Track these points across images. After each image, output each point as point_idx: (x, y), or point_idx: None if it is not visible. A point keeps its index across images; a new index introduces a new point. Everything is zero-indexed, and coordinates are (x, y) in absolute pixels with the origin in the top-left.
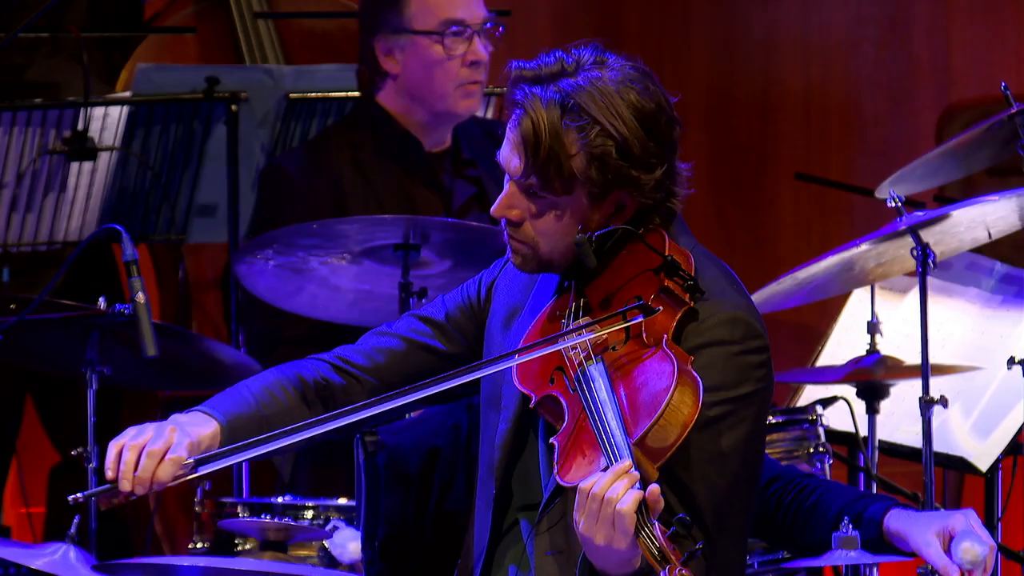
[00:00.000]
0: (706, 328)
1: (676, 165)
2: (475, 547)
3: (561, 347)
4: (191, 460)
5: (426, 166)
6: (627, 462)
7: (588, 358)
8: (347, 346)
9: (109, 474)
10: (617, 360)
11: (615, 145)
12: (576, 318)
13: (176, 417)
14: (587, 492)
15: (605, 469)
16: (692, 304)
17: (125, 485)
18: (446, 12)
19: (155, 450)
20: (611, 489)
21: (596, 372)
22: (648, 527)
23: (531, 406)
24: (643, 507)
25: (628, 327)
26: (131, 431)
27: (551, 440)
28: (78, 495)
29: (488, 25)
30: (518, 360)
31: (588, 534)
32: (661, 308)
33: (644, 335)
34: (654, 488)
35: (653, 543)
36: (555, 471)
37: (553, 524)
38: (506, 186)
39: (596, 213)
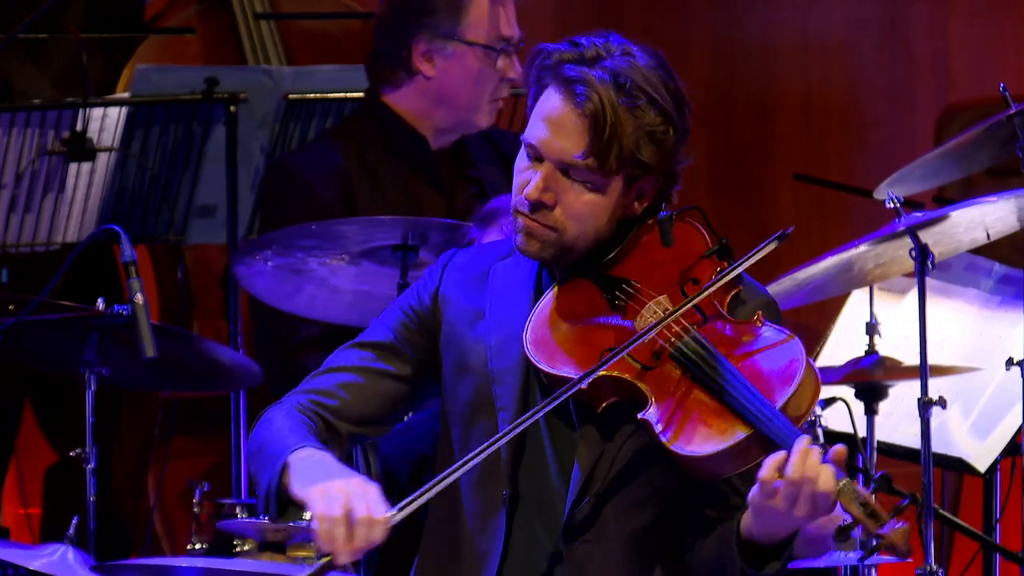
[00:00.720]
0: (749, 310)
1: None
2: (476, 549)
3: (653, 332)
4: (392, 511)
5: (431, 165)
6: (806, 437)
7: (680, 334)
8: (311, 389)
9: (324, 548)
10: (716, 333)
11: (668, 125)
12: (631, 299)
13: (329, 460)
14: (776, 473)
15: (760, 442)
16: (740, 288)
17: (343, 559)
18: (502, 29)
19: (363, 518)
20: (806, 469)
21: (699, 345)
22: (851, 489)
23: (583, 387)
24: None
25: (700, 304)
26: (319, 501)
27: (641, 416)
28: None
29: (520, 44)
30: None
31: (785, 510)
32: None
33: (720, 312)
34: (840, 448)
35: (858, 503)
36: (667, 444)
37: (584, 515)
38: (535, 171)
39: (625, 198)
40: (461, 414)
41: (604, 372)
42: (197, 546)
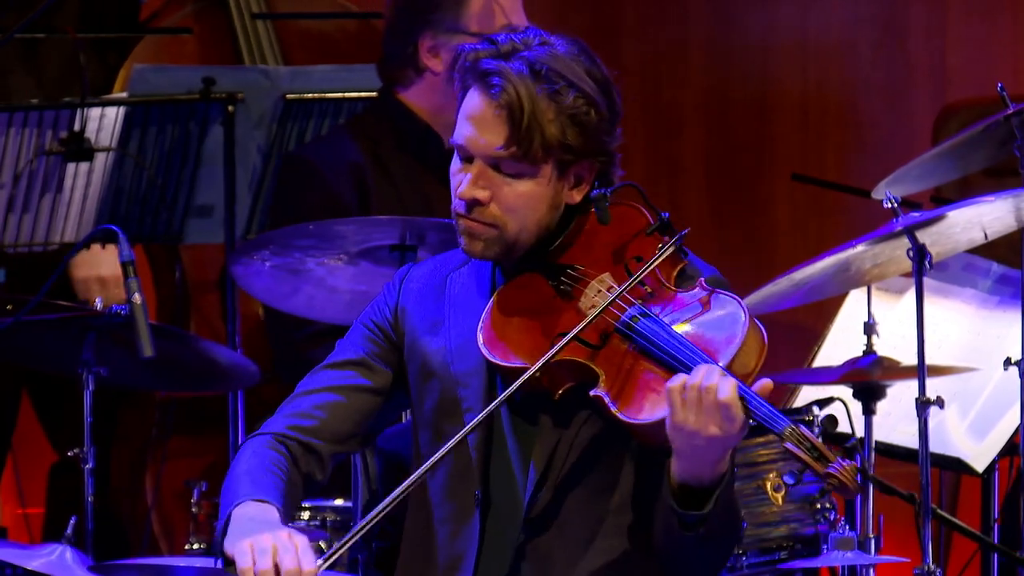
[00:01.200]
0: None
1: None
2: (443, 553)
3: (600, 311)
4: (320, 562)
5: (444, 162)
6: (711, 363)
7: (624, 308)
8: (289, 414)
9: None
10: (658, 304)
11: (591, 107)
12: (577, 283)
13: (265, 515)
14: (680, 387)
15: None
16: (686, 262)
17: None
18: (506, 18)
19: (291, 570)
20: (706, 378)
21: (645, 318)
22: (796, 432)
23: (536, 375)
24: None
25: (643, 279)
26: (246, 556)
27: (593, 393)
28: None
29: None
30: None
31: (694, 426)
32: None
33: (664, 284)
34: (767, 381)
35: (805, 443)
36: (617, 414)
37: (544, 507)
38: (467, 171)
39: (561, 185)
40: (428, 420)
41: (557, 356)
42: (195, 546)
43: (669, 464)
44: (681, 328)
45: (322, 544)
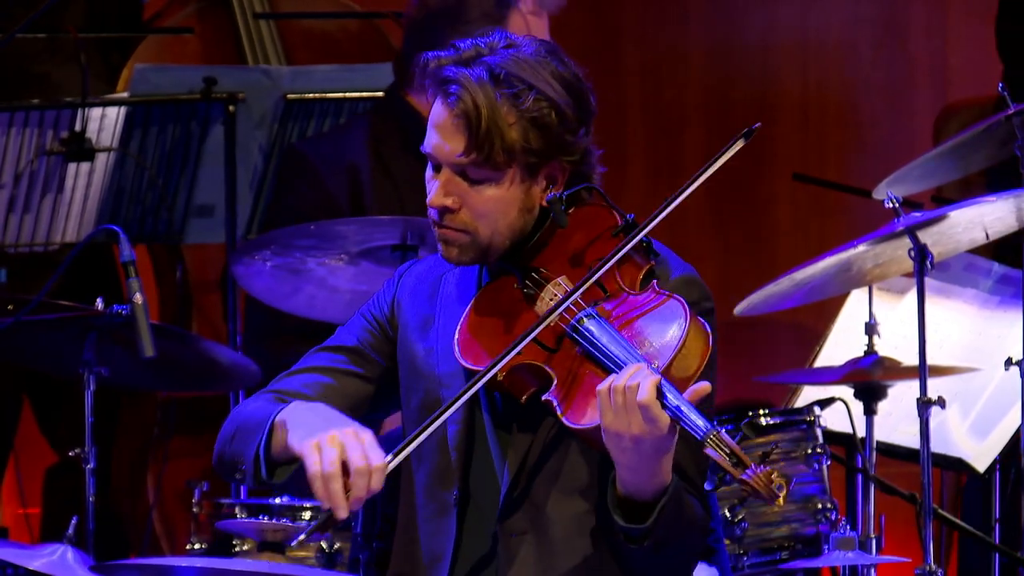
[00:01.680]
0: (667, 288)
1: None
2: (426, 550)
3: (555, 315)
4: (389, 457)
5: None
6: (641, 363)
7: (575, 312)
8: (280, 389)
9: (325, 503)
10: (609, 307)
11: (552, 108)
12: (540, 287)
13: (322, 410)
14: (607, 388)
15: None
16: (653, 263)
17: (344, 513)
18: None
19: (360, 468)
20: (630, 378)
21: (590, 321)
22: (715, 436)
23: (499, 379)
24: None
25: (602, 281)
26: (313, 456)
27: (544, 397)
28: (301, 536)
29: None
30: (513, 352)
31: (617, 427)
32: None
33: (622, 287)
34: (703, 385)
35: (724, 448)
36: (562, 418)
37: (518, 507)
38: (435, 178)
39: (533, 187)
40: (414, 418)
41: (516, 360)
42: (196, 546)
43: (613, 477)
44: (625, 331)
45: (323, 544)
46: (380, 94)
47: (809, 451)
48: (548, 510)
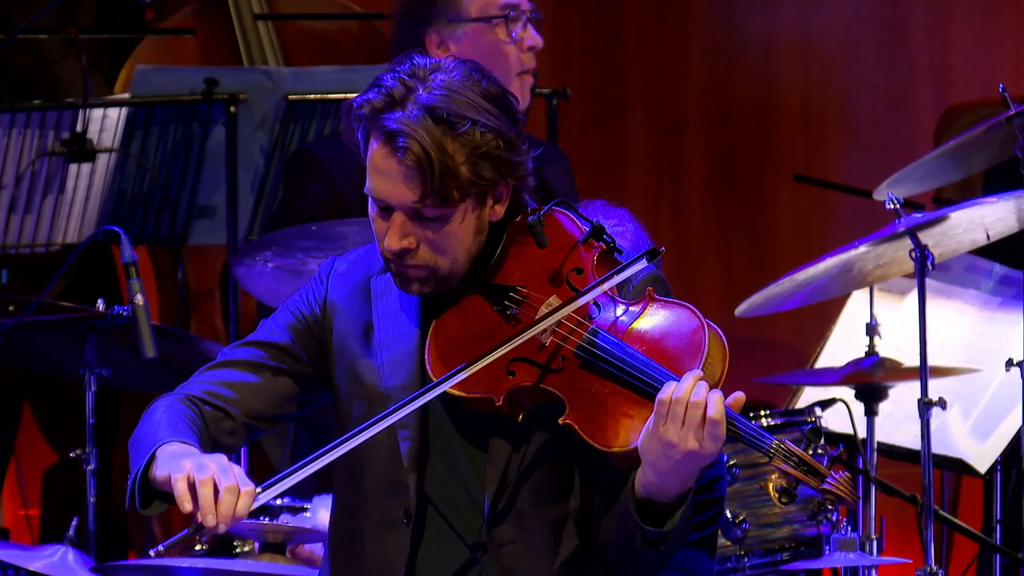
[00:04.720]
0: (639, 289)
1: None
2: (380, 563)
3: (534, 332)
4: (258, 489)
5: None
6: (697, 372)
7: (578, 331)
8: (205, 381)
9: (187, 507)
10: (614, 322)
11: (496, 137)
12: (516, 305)
13: (194, 451)
14: (668, 400)
15: None
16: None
17: (211, 520)
18: None
19: (231, 485)
20: (695, 392)
21: (599, 338)
22: (783, 449)
23: (497, 405)
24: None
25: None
26: (186, 465)
27: (562, 421)
28: (159, 547)
29: (534, 15)
30: (471, 370)
31: (676, 440)
32: (664, 248)
33: (613, 297)
34: (740, 395)
35: (792, 458)
36: (594, 444)
37: (504, 516)
38: (387, 220)
39: (484, 210)
40: (352, 427)
41: (515, 383)
42: (197, 547)
43: (633, 477)
44: (640, 346)
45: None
46: None
47: (810, 452)
48: (534, 518)
